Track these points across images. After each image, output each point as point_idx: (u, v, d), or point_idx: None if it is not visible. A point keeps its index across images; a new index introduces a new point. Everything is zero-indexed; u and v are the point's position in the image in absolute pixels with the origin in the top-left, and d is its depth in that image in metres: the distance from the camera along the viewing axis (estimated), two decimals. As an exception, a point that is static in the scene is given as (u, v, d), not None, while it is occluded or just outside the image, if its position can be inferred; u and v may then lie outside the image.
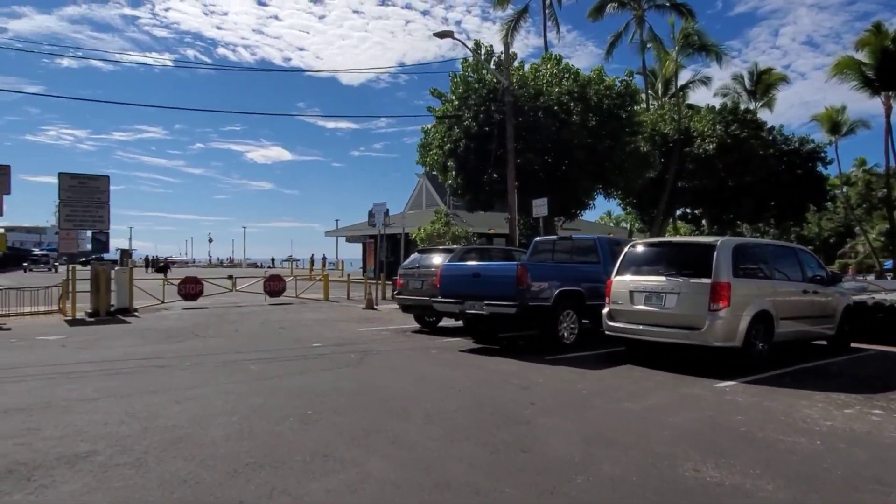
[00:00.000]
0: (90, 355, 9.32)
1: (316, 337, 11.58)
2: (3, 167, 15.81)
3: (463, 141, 19.94)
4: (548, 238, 12.72)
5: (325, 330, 12.77)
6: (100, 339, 11.15)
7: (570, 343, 9.98)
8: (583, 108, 19.86)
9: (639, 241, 9.99)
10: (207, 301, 19.38)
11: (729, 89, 40.82)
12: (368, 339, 11.44)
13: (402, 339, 11.53)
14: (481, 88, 20.12)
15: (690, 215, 37.62)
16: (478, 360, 9.07)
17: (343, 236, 44.74)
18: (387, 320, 14.92)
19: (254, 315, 15.98)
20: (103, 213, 17.11)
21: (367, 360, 8.93)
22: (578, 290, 10.11)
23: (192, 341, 11.01)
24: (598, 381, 7.48)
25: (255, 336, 11.75)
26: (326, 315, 16.22)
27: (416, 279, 12.66)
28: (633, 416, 5.80)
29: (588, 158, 19.76)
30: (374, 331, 12.69)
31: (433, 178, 39.85)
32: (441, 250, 13.32)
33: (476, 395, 6.62)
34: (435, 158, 21.46)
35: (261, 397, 6.41)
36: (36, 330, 12.73)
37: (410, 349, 10.09)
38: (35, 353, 9.60)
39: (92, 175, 17.19)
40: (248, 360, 8.79)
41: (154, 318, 15.13)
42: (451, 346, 10.52)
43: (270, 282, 20.37)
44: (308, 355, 9.38)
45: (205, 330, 12.66)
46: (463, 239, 20.49)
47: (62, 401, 6.21)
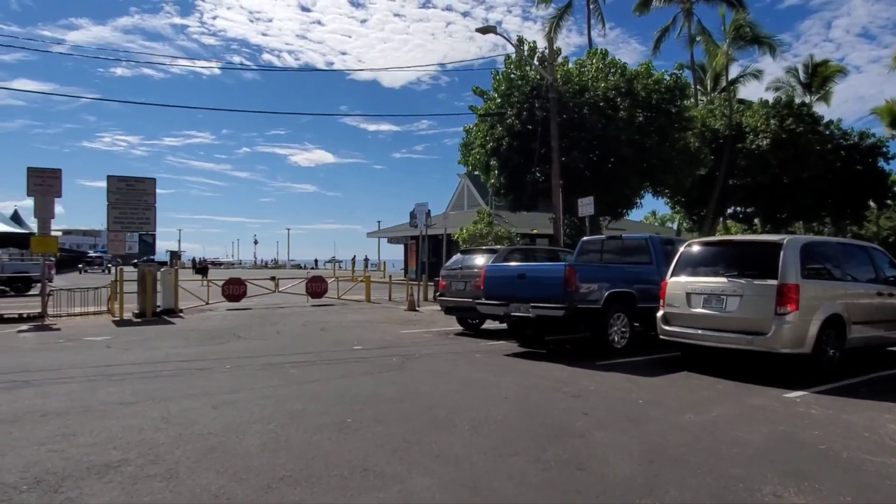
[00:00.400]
0: (133, 356, 9.29)
1: (357, 339, 11.36)
2: (54, 171, 16.17)
3: (506, 139, 19.52)
4: (595, 238, 12.21)
5: (367, 332, 12.55)
6: (144, 340, 11.18)
7: (620, 348, 9.48)
8: (630, 103, 19.20)
9: (695, 239, 9.43)
10: (250, 302, 19.46)
11: (782, 83, 39.18)
12: (410, 341, 11.16)
13: (444, 342, 11.21)
14: (524, 85, 19.67)
15: (742, 214, 36.26)
16: (524, 364, 8.67)
17: (385, 237, 44.81)
18: (429, 322, 14.63)
19: (296, 316, 15.92)
20: (150, 216, 17.34)
21: (408, 364, 8.63)
22: (630, 291, 9.61)
23: (234, 343, 10.93)
24: (654, 389, 6.99)
25: (297, 338, 11.61)
26: (368, 317, 16.04)
27: (458, 280, 12.32)
28: (698, 429, 5.32)
29: (635, 156, 19.09)
30: (415, 333, 12.42)
31: (475, 179, 39.49)
32: (484, 251, 12.95)
33: (524, 403, 6.23)
34: (477, 158, 21.10)
35: (299, 403, 6.16)
36: (84, 330, 12.90)
37: (453, 353, 9.75)
38: (81, 353, 9.64)
39: (139, 178, 17.44)
40: (289, 363, 8.61)
41: (198, 319, 15.21)
42: (495, 349, 10.15)
43: (312, 283, 20.35)
44: (349, 358, 9.15)
45: (247, 331, 12.60)
46: (506, 239, 20.07)
47: (101, 404, 6.10)
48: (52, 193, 16.25)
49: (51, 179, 16.24)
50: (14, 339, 11.36)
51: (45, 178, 16.19)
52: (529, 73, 19.93)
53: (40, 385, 7.07)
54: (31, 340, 11.27)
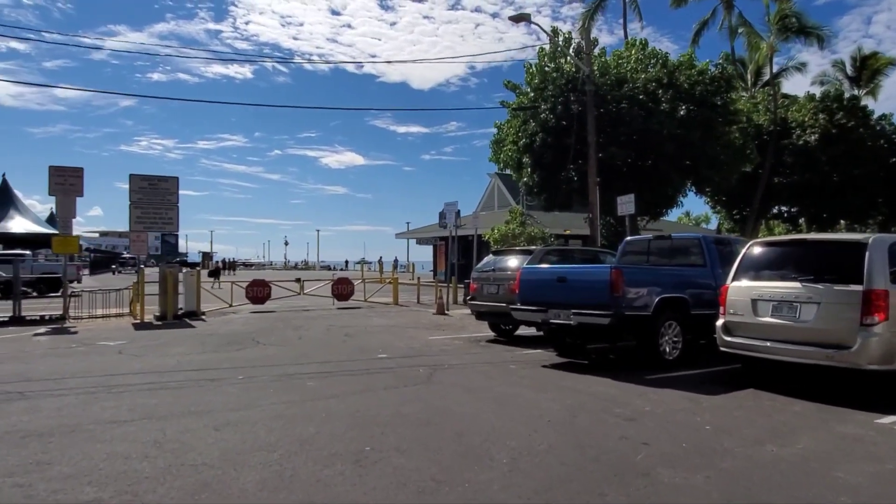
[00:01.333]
0: (142, 364, 8.68)
1: (382, 346, 10.60)
2: (76, 170, 15.82)
3: (539, 135, 18.59)
4: (640, 238, 11.23)
5: (393, 338, 11.79)
6: (159, 346, 10.60)
7: (672, 359, 8.53)
8: (672, 95, 18.10)
9: (760, 239, 8.44)
10: (275, 304, 18.91)
11: (828, 77, 37.30)
12: (439, 349, 10.35)
13: (475, 350, 10.38)
14: (559, 78, 18.71)
15: (787, 213, 34.57)
16: (566, 378, 7.78)
17: (414, 238, 44.13)
18: (458, 327, 13.81)
19: (320, 320, 15.26)
20: (173, 215, 16.88)
21: (437, 376, 7.82)
22: (682, 297, 8.65)
23: (252, 349, 10.27)
24: (720, 411, 6.05)
25: (318, 344, 10.91)
26: (395, 321, 15.29)
27: (491, 283, 11.48)
28: (786, 467, 4.39)
29: (678, 151, 17.98)
30: (444, 340, 11.61)
31: (506, 178, 38.53)
32: (518, 252, 12.07)
33: (571, 428, 5.36)
34: (509, 155, 20.21)
35: (312, 425, 5.40)
36: (101, 334, 12.40)
37: (486, 363, 8.91)
38: (89, 360, 9.06)
39: (162, 176, 17.00)
40: (306, 374, 7.87)
41: (219, 323, 14.65)
42: (531, 359, 9.28)
43: (338, 285, 19.71)
44: (372, 369, 8.38)
45: (267, 336, 11.95)
46: (539, 240, 19.14)
47: (91, 423, 5.42)
48: (74, 193, 15.90)
49: (73, 179, 15.89)
50: (27, 343, 10.89)
51: (67, 177, 15.85)
52: (564, 66, 18.97)
53: (34, 398, 6.45)
54: (44, 345, 10.79)
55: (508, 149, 20.23)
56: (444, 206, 18.65)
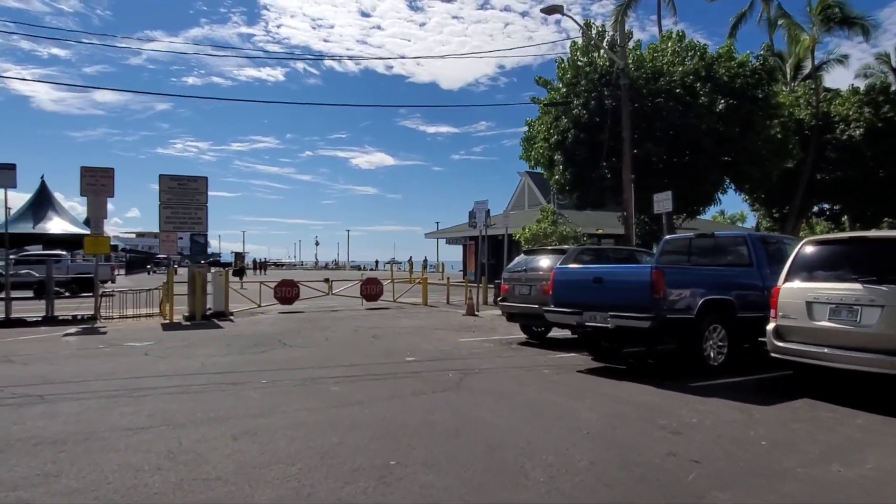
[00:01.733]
0: (167, 366, 8.52)
1: (410, 348, 10.29)
2: (106, 170, 15.89)
3: (571, 131, 18.09)
4: (681, 236, 10.70)
5: (422, 340, 11.47)
6: (185, 347, 10.47)
7: (717, 365, 8.02)
8: (711, 88, 17.41)
9: (815, 237, 7.88)
10: (303, 305, 18.78)
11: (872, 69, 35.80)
12: (469, 352, 10.00)
13: (507, 353, 9.99)
14: (592, 73, 18.17)
15: (829, 211, 33.29)
16: (603, 384, 7.35)
17: (443, 238, 43.85)
18: (489, 329, 13.43)
19: (348, 321, 15.03)
20: (202, 215, 16.86)
21: (467, 381, 7.47)
22: (727, 299, 8.13)
23: (278, 351, 10.05)
24: (775, 424, 5.56)
25: (345, 346, 10.65)
26: (424, 322, 14.98)
27: (522, 284, 11.07)
28: (859, 493, 3.92)
29: (716, 146, 17.29)
30: (475, 342, 11.24)
31: (536, 177, 37.95)
32: (551, 251, 11.64)
33: (612, 441, 4.95)
34: (540, 152, 19.73)
35: (335, 434, 5.10)
36: (129, 334, 12.36)
37: (518, 367, 8.52)
38: (114, 362, 8.94)
39: (191, 176, 16.99)
40: (331, 379, 7.59)
41: (247, 323, 14.53)
42: (565, 363, 8.86)
43: (367, 285, 19.48)
44: (399, 373, 8.06)
45: (294, 337, 11.75)
46: (571, 239, 18.62)
47: (107, 430, 5.21)
48: (105, 193, 15.97)
49: (103, 179, 15.96)
50: (56, 344, 10.87)
51: (98, 177, 15.92)
52: (597, 60, 18.42)
53: (53, 401, 6.29)
54: (72, 345, 10.75)
55: (539, 146, 19.76)
56: (475, 204, 18.28)
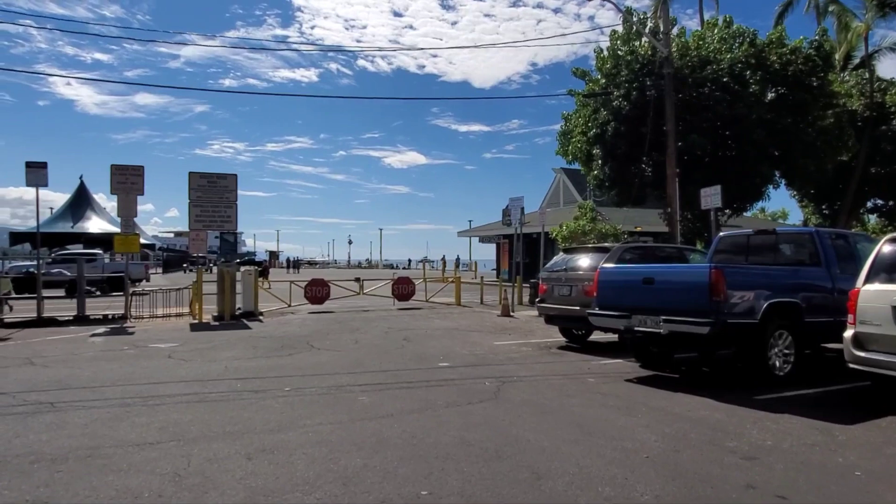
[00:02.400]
0: (187, 370, 8.11)
1: (444, 352, 9.72)
2: (137, 168, 15.73)
3: (611, 124, 17.27)
4: (738, 232, 9.88)
5: (455, 343, 10.89)
6: (210, 349, 10.09)
7: (783, 375, 7.25)
8: (761, 76, 16.39)
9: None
10: (334, 304, 18.39)
11: (929, 57, 33.83)
12: (506, 357, 9.38)
13: (547, 358, 9.34)
14: (633, 62, 17.31)
15: (885, 207, 31.55)
16: (656, 397, 6.65)
17: (476, 236, 43.21)
18: (526, 331, 12.77)
19: (379, 321, 14.54)
20: (231, 213, 16.59)
21: (505, 391, 6.85)
22: (794, 302, 7.34)
23: (304, 354, 9.59)
24: (865, 448, 4.80)
25: (375, 349, 10.13)
26: (457, 323, 14.40)
27: (562, 285, 10.39)
28: None
29: (767, 138, 16.27)
30: (511, 345, 10.62)
31: (572, 174, 37.02)
32: (592, 249, 10.92)
33: (677, 469, 4.28)
34: (578, 147, 18.94)
35: (360, 455, 4.55)
36: (156, 335, 12.08)
37: (560, 376, 7.87)
38: (135, 365, 8.58)
39: (221, 174, 16.72)
40: (359, 387, 7.06)
41: (276, 324, 14.16)
42: (611, 371, 8.17)
43: (398, 285, 18.99)
44: (432, 380, 7.49)
45: (322, 339, 11.29)
46: (611, 237, 17.81)
47: (112, 446, 4.76)
48: (135, 191, 15.81)
49: (133, 177, 15.80)
50: (81, 345, 10.61)
51: (129, 175, 15.76)
52: (639, 49, 17.56)
53: (64, 410, 5.90)
54: (97, 346, 10.48)
55: (577, 140, 18.97)
56: (509, 201, 17.60)
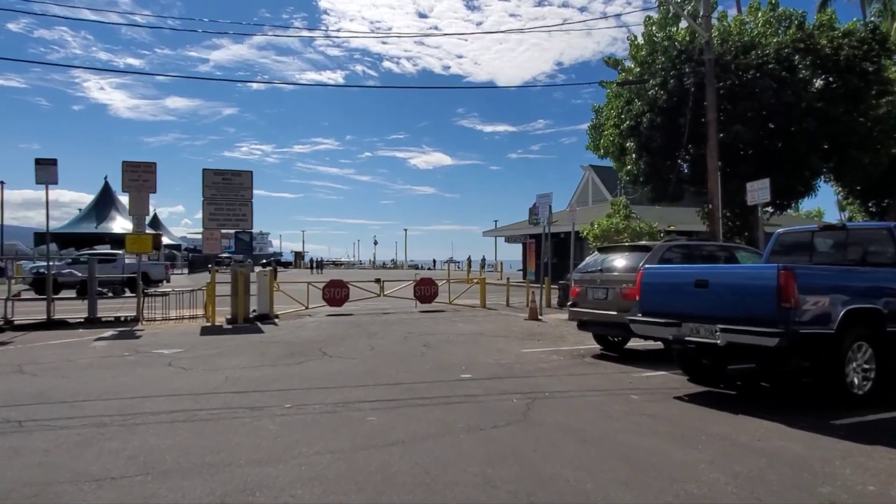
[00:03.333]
0: (184, 381, 7.37)
1: (466, 361, 8.84)
2: (149, 164, 15.15)
3: (646, 115, 16.18)
4: (800, 228, 8.78)
5: (479, 350, 10.00)
6: (215, 356, 9.37)
7: (861, 394, 6.19)
8: (811, 61, 15.16)
9: None
10: (354, 306, 17.63)
11: None
12: (535, 367, 8.46)
13: (581, 369, 8.39)
14: (671, 48, 16.20)
15: (939, 204, 29.68)
16: (715, 420, 5.67)
17: (502, 236, 42.20)
18: (555, 337, 11.81)
19: (398, 325, 13.72)
20: (247, 211, 15.94)
21: (535, 410, 5.94)
22: (875, 308, 6.29)
23: (314, 363, 8.80)
24: None
25: (392, 357, 9.29)
26: (482, 327, 13.50)
27: (597, 287, 9.42)
28: None
29: (818, 128, 15.03)
30: (541, 353, 9.68)
31: (602, 171, 35.81)
32: (631, 248, 9.91)
33: (762, 527, 3.33)
34: (610, 140, 17.86)
35: (360, 497, 3.69)
36: (164, 339, 11.43)
37: (599, 391, 6.92)
38: (129, 375, 7.87)
39: (235, 171, 16.08)
40: (369, 404, 6.22)
41: (290, 327, 13.43)
42: (657, 386, 7.19)
43: (421, 286, 18.14)
44: (452, 396, 6.61)
45: (336, 345, 10.50)
46: (646, 236, 16.73)
47: (67, 481, 3.98)
48: (147, 189, 15.24)
49: (146, 174, 15.23)
50: (81, 351, 9.99)
51: (141, 172, 15.20)
52: (676, 35, 16.45)
53: (30, 430, 5.17)
54: (97, 352, 9.84)
55: (609, 133, 17.90)
56: (537, 198, 16.63)
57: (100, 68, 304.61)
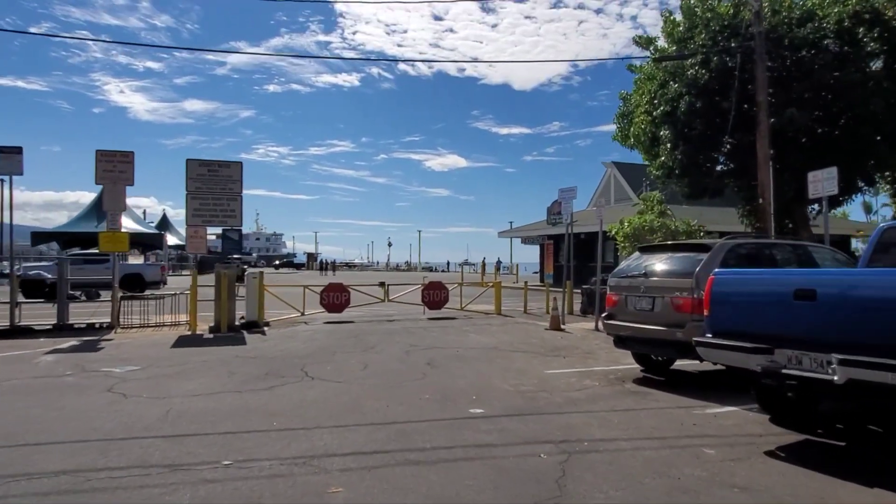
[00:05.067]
0: (111, 416, 5.68)
1: (477, 388, 7.06)
2: (126, 154, 13.59)
3: (685, 98, 14.27)
4: (912, 221, 6.89)
5: (494, 371, 8.22)
6: (173, 376, 7.70)
7: None
8: (878, 34, 13.19)
9: None
10: (356, 312, 15.95)
11: None
12: (564, 396, 6.66)
13: (624, 401, 6.56)
14: (713, 21, 14.29)
15: None
16: (839, 494, 3.84)
17: (518, 237, 40.29)
18: (584, 353, 9.99)
19: (402, 335, 11.97)
20: (235, 207, 14.29)
21: (574, 477, 4.14)
22: None
23: (290, 387, 7.07)
24: None
25: (386, 380, 7.54)
26: (497, 338, 11.71)
27: (641, 296, 7.58)
28: None
29: (887, 111, 13.05)
30: (570, 376, 7.88)
31: (624, 168, 33.78)
32: (682, 247, 7.99)
33: None
34: (641, 128, 15.97)
35: None
36: (126, 352, 9.82)
37: (656, 440, 5.09)
38: (48, 405, 6.20)
39: (223, 161, 14.47)
40: (340, 459, 4.46)
41: (278, 338, 11.74)
42: (730, 430, 5.36)
43: (429, 291, 16.39)
44: (456, 447, 4.83)
45: (324, 362, 8.78)
46: (683, 235, 14.82)
47: None
48: (124, 181, 13.63)
49: (122, 165, 13.63)
50: (18, 368, 8.38)
51: (116, 162, 13.61)
52: (719, 8, 14.54)
53: None
54: (36, 370, 8.22)
55: (640, 120, 16.01)
56: (559, 193, 14.77)
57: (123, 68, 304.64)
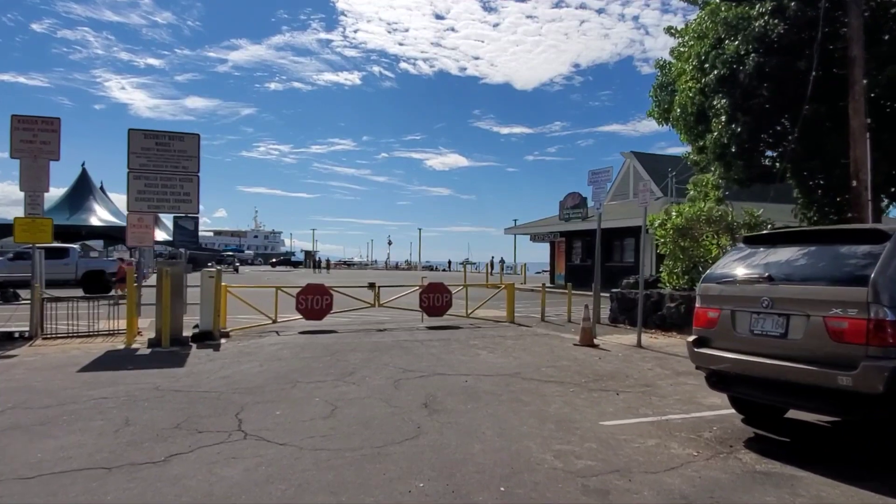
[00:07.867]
0: None
1: (506, 463, 4.28)
2: (49, 120, 10.86)
3: (751, 57, 11.42)
4: None
5: (523, 421, 5.44)
6: (35, 427, 4.96)
7: None
8: None
9: None
10: (341, 319, 13.24)
11: None
12: (652, 483, 3.89)
13: (752, 490, 3.77)
14: (789, -40, 11.44)
15: None
16: None
17: (526, 234, 37.35)
18: (641, 385, 7.18)
19: (391, 354, 9.19)
20: (191, 189, 11.55)
21: None
22: None
23: (200, 459, 4.30)
24: None
25: (359, 440, 4.75)
26: (517, 359, 8.92)
27: (763, 313, 4.76)
28: None
29: None
30: (642, 435, 5.09)
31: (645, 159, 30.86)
32: (833, 235, 5.18)
33: None
34: (688, 97, 13.11)
35: None
36: (13, 377, 7.07)
37: None
38: None
39: (176, 133, 11.71)
40: None
41: (232, 356, 8.97)
42: None
43: (429, 294, 13.60)
44: None
45: (276, 401, 6.01)
46: (743, 227, 11.98)
47: None
48: (47, 155, 10.87)
49: (45, 133, 10.87)
50: None
51: (37, 131, 10.84)
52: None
53: None
54: None
55: (686, 88, 13.17)
56: (590, 176, 11.91)
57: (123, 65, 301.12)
